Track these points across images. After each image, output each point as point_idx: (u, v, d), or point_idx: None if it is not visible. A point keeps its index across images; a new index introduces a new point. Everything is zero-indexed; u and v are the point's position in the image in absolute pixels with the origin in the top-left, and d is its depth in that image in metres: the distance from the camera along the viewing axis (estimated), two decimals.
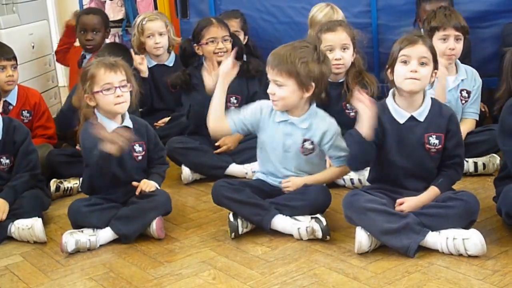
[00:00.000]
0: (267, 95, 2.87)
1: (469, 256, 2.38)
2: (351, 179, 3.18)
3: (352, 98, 2.91)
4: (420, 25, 3.78)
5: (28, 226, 2.80)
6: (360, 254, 2.47)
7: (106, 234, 2.74)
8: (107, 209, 2.79)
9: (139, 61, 3.86)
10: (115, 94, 2.77)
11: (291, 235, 2.66)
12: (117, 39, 5.07)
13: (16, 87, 3.69)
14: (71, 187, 3.39)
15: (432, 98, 2.64)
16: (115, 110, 2.81)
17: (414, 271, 2.33)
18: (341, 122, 2.89)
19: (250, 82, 3.65)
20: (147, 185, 2.84)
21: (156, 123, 3.94)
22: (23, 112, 3.69)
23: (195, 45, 3.59)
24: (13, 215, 2.85)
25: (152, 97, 4.08)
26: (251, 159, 3.32)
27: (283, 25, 4.12)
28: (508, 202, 2.49)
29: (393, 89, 2.64)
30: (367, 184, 2.83)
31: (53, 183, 3.37)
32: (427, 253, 2.44)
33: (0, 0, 4.23)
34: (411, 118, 2.59)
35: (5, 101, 3.48)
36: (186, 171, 3.46)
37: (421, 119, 2.59)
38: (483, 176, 3.23)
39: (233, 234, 2.69)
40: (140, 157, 2.89)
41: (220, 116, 2.82)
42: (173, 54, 4.15)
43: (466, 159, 3.07)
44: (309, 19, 3.77)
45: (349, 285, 2.28)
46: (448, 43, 3.26)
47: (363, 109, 2.48)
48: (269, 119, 2.81)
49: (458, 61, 3.37)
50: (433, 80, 2.61)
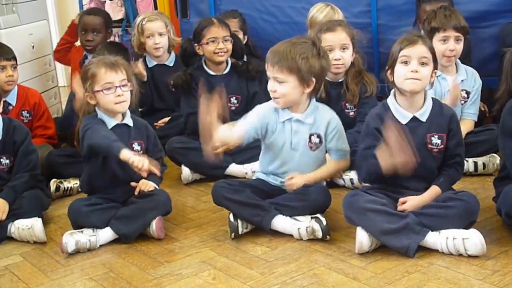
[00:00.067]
0: (267, 95, 2.87)
1: (469, 256, 2.38)
2: (351, 179, 3.18)
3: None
4: (420, 26, 3.78)
5: (28, 226, 2.80)
6: (360, 254, 2.47)
7: (106, 234, 2.74)
8: (107, 209, 2.79)
9: (136, 70, 3.84)
10: (115, 94, 2.78)
11: (291, 235, 2.66)
12: (117, 39, 5.05)
13: (16, 87, 3.69)
14: (71, 187, 3.40)
15: (432, 98, 2.64)
16: (116, 109, 2.83)
17: (414, 271, 2.33)
18: (341, 122, 2.88)
19: (250, 83, 3.65)
20: (146, 185, 2.85)
21: (156, 123, 3.94)
22: (23, 112, 3.69)
23: (195, 44, 3.59)
24: (13, 215, 2.85)
25: (152, 97, 4.08)
26: (251, 159, 3.33)
27: (283, 25, 4.11)
28: (508, 203, 2.48)
29: (394, 89, 2.64)
30: (367, 184, 2.83)
31: (53, 183, 3.37)
32: (427, 253, 2.43)
33: (0, 0, 4.23)
34: (414, 119, 2.59)
35: (4, 101, 3.47)
36: (186, 171, 3.46)
37: (423, 119, 2.59)
38: (483, 176, 3.23)
39: (233, 234, 2.69)
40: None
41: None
42: (173, 54, 4.14)
43: (466, 159, 3.07)
44: (308, 20, 3.76)
45: (349, 285, 2.28)
46: (448, 44, 3.26)
47: (393, 140, 2.41)
48: (274, 120, 2.81)
49: (459, 61, 3.36)
50: (433, 80, 2.61)
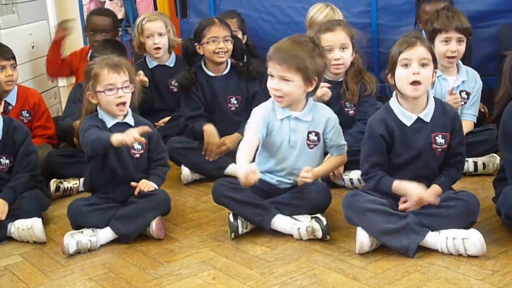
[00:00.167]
0: (267, 95, 2.87)
1: (469, 256, 2.38)
2: (351, 179, 3.18)
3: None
4: (420, 26, 3.78)
5: (28, 226, 2.80)
6: (360, 254, 2.47)
7: (106, 234, 2.74)
8: (106, 209, 2.79)
9: (138, 79, 3.81)
10: (117, 95, 2.79)
11: (290, 235, 2.66)
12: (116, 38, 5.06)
13: (16, 87, 3.69)
14: (70, 187, 3.39)
15: (434, 98, 2.63)
16: (115, 113, 2.83)
17: (413, 271, 2.33)
18: (340, 121, 2.88)
19: (250, 83, 3.65)
20: (146, 185, 2.85)
21: (156, 123, 3.94)
22: (23, 112, 3.69)
23: (196, 44, 3.59)
24: (12, 216, 2.85)
25: (153, 97, 4.07)
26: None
27: (283, 25, 4.11)
28: (508, 203, 2.48)
29: (395, 92, 2.62)
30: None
31: (53, 183, 3.37)
32: (427, 253, 2.43)
33: (0, 0, 4.23)
34: (418, 120, 2.58)
35: (4, 101, 3.47)
36: (185, 171, 3.47)
37: (427, 119, 2.58)
38: (483, 176, 3.23)
39: (233, 234, 2.69)
40: (137, 155, 2.89)
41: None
42: (173, 55, 4.13)
43: (466, 159, 3.06)
44: (308, 20, 3.75)
45: (348, 285, 2.28)
46: (450, 46, 3.25)
47: (415, 195, 2.48)
48: (274, 118, 2.80)
49: (460, 62, 3.36)
50: (433, 79, 2.60)
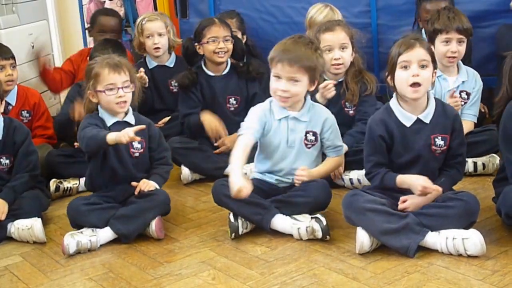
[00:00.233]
0: (267, 96, 2.87)
1: (469, 256, 2.38)
2: (351, 179, 3.18)
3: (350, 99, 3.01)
4: (420, 24, 3.77)
5: (28, 227, 2.80)
6: (360, 254, 2.47)
7: (106, 233, 2.74)
8: (106, 208, 2.79)
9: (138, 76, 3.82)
10: (117, 95, 2.79)
11: (290, 235, 2.66)
12: None
13: (16, 87, 3.69)
14: (70, 187, 3.39)
15: (435, 98, 2.63)
16: (116, 110, 2.84)
17: (413, 271, 2.33)
18: (340, 120, 2.89)
19: (250, 83, 3.65)
20: (146, 184, 2.84)
21: (156, 124, 3.93)
22: (23, 112, 3.69)
23: (196, 44, 3.59)
24: (12, 216, 2.85)
25: (153, 97, 4.07)
26: (250, 159, 3.30)
27: (283, 25, 4.11)
28: (508, 203, 2.48)
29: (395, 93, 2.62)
30: (367, 184, 2.83)
31: (53, 183, 3.37)
32: (427, 253, 2.43)
33: (0, 0, 4.23)
34: (418, 121, 2.58)
35: (4, 101, 3.47)
36: (185, 171, 3.47)
37: (427, 121, 2.58)
38: (483, 176, 3.23)
39: (233, 234, 2.69)
40: (137, 154, 2.89)
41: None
42: (173, 55, 4.12)
43: (466, 159, 3.06)
44: (307, 21, 3.75)
45: (348, 285, 2.27)
46: (451, 46, 3.24)
47: (419, 185, 2.48)
48: (271, 119, 2.80)
49: (460, 62, 3.36)
50: (433, 80, 2.60)
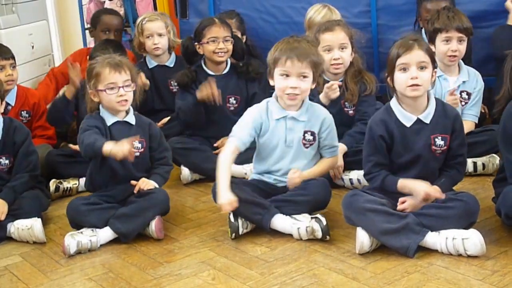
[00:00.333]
0: (266, 96, 2.87)
1: (469, 256, 2.38)
2: (351, 179, 3.18)
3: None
4: (420, 24, 3.78)
5: (28, 227, 2.80)
6: (360, 254, 2.47)
7: (106, 233, 2.74)
8: (105, 209, 2.79)
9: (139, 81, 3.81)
10: (118, 94, 2.80)
11: (290, 235, 2.66)
12: None
13: (16, 87, 3.69)
14: (70, 187, 3.39)
15: (436, 99, 2.63)
16: (117, 109, 2.85)
17: (413, 271, 2.33)
18: (340, 120, 2.89)
19: (249, 83, 3.65)
20: (146, 183, 2.85)
21: (156, 124, 3.93)
22: (22, 112, 3.70)
23: (196, 44, 3.59)
24: (12, 216, 2.85)
25: (153, 97, 4.07)
26: (250, 159, 3.30)
27: (283, 25, 4.11)
28: (508, 203, 2.48)
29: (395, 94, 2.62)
30: (366, 184, 2.83)
31: (53, 183, 3.37)
32: (427, 253, 2.43)
33: (0, 0, 4.23)
34: (418, 121, 2.58)
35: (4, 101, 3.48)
36: (185, 172, 3.47)
37: (427, 121, 2.58)
38: (483, 176, 3.23)
39: (234, 234, 2.69)
40: (137, 154, 2.88)
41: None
42: (173, 55, 4.12)
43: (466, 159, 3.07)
44: (306, 21, 3.75)
45: (348, 285, 2.27)
46: (451, 45, 3.25)
47: (422, 191, 2.48)
48: (268, 119, 2.81)
49: (462, 62, 3.36)
50: (433, 79, 2.59)
